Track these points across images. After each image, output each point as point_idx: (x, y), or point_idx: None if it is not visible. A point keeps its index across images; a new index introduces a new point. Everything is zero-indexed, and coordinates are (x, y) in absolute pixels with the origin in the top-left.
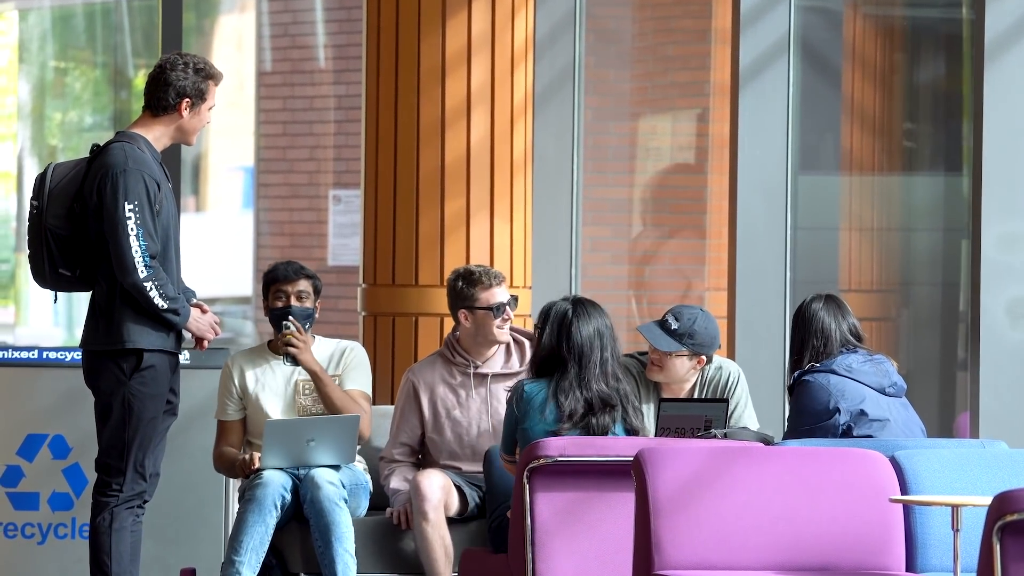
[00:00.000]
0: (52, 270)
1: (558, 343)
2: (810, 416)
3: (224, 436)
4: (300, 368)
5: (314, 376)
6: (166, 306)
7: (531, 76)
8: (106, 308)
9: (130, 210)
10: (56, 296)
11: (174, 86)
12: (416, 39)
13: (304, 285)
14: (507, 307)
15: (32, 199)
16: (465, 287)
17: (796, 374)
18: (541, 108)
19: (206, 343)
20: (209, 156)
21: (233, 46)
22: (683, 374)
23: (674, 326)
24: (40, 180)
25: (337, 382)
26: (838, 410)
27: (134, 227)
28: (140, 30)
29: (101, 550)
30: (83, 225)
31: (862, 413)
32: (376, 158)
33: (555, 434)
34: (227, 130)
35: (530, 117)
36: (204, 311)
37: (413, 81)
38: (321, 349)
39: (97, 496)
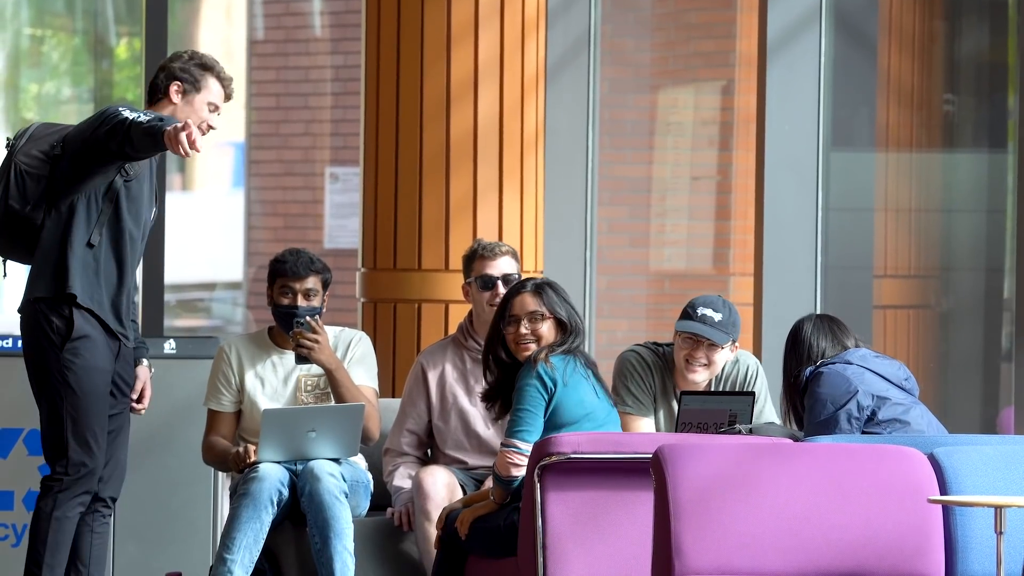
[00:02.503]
0: (2, 201)
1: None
2: (830, 402)
3: (215, 426)
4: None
5: (330, 373)
6: (143, 123)
7: (543, 46)
8: (56, 254)
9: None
10: (5, 270)
11: (167, 70)
12: (420, 6)
13: (313, 282)
14: (499, 283)
15: (8, 137)
16: (469, 257)
17: (808, 371)
18: (554, 80)
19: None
20: None
21: (222, 13)
22: (723, 367)
23: (717, 318)
24: (24, 129)
25: None
26: (858, 396)
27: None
28: None
29: (37, 538)
30: (55, 168)
31: (882, 398)
32: (376, 134)
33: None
34: None
35: (542, 90)
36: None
37: (416, 52)
38: (340, 345)
39: (44, 480)
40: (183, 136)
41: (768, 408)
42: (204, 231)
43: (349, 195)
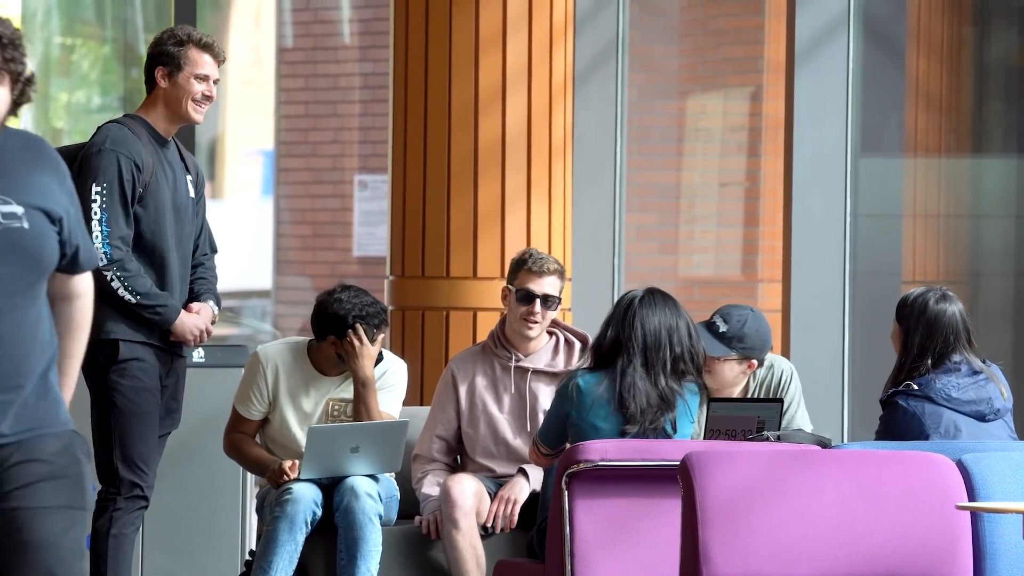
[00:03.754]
0: None
1: (623, 331)
2: (895, 437)
3: (239, 426)
4: (339, 386)
5: (363, 382)
6: (134, 300)
7: (571, 53)
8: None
9: (96, 192)
10: None
11: (149, 55)
12: (448, 14)
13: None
14: (537, 300)
15: None
16: (516, 264)
17: (892, 391)
18: (582, 87)
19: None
20: (226, 139)
21: (251, 20)
22: (731, 379)
23: (722, 329)
24: None
25: None
26: (925, 436)
27: (98, 210)
28: (152, 3)
29: (98, 557)
30: None
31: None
32: (404, 141)
33: (621, 434)
34: (245, 111)
35: (570, 97)
36: (191, 311)
37: (444, 59)
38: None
39: (99, 498)
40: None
41: (801, 413)
42: (233, 239)
43: (378, 203)
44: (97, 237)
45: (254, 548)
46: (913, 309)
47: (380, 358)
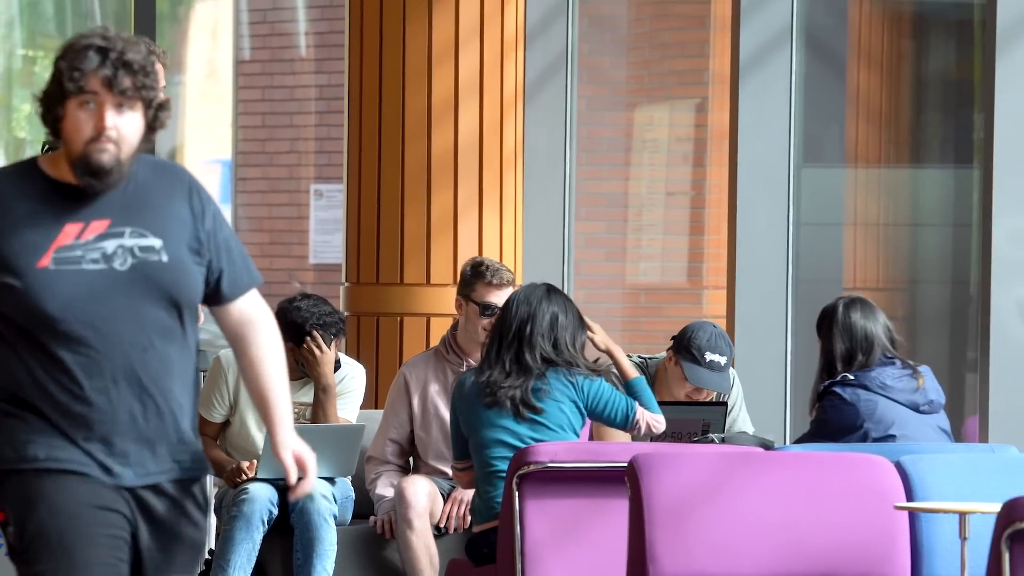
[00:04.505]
0: None
1: (501, 319)
2: (834, 431)
3: (201, 427)
4: (298, 391)
5: (323, 388)
6: None
7: (522, 66)
8: None
9: None
10: None
11: None
12: (401, 27)
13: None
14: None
15: None
16: (471, 275)
17: (827, 383)
18: (532, 99)
19: None
20: (185, 149)
21: (209, 33)
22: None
23: (723, 362)
24: None
25: None
26: (865, 430)
27: None
28: (112, 16)
29: None
30: None
31: (889, 436)
32: (360, 151)
33: (497, 425)
34: (203, 122)
35: (521, 109)
36: None
37: (398, 71)
38: (345, 378)
39: None
40: None
41: (743, 416)
42: None
43: (333, 211)
44: None
45: (213, 547)
46: (825, 320)
47: (338, 364)
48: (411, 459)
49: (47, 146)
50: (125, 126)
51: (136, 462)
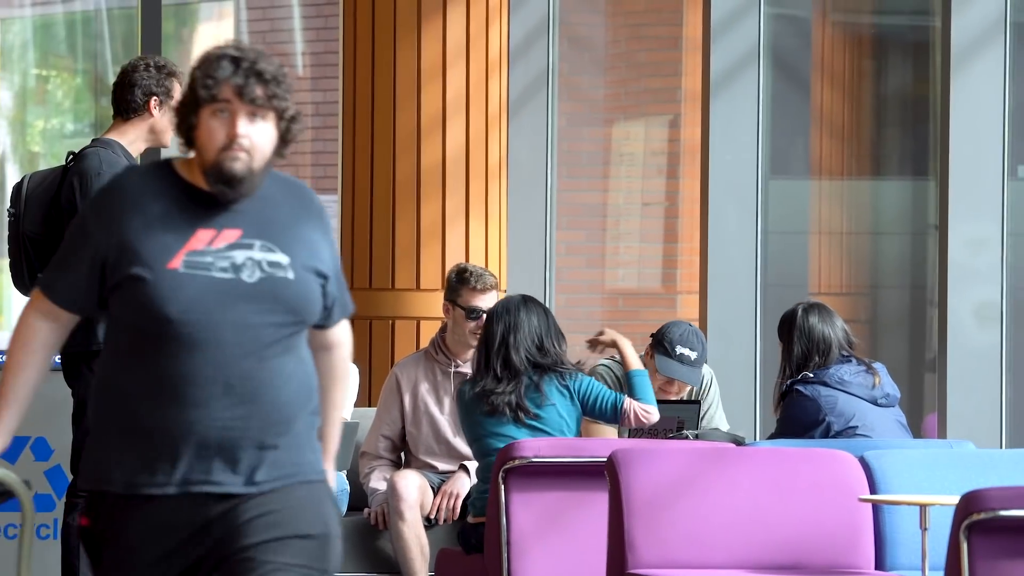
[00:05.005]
0: (31, 274)
1: (485, 331)
2: (799, 427)
3: None
4: None
5: None
6: None
7: (506, 84)
8: None
9: None
10: None
11: (140, 86)
12: (392, 48)
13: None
14: (483, 315)
15: (9, 207)
16: (456, 281)
17: (789, 382)
18: (516, 115)
19: None
20: None
21: None
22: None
23: (693, 356)
24: (17, 189)
25: None
26: (827, 424)
27: None
28: (120, 38)
29: (70, 552)
30: (60, 230)
31: (850, 428)
32: (353, 164)
33: (498, 433)
34: None
35: (505, 124)
36: None
37: (389, 89)
38: None
39: (69, 497)
40: None
41: (719, 414)
42: None
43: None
44: None
45: None
46: (785, 325)
47: None
48: (403, 454)
49: (71, 155)
50: (257, 135)
51: (243, 471)
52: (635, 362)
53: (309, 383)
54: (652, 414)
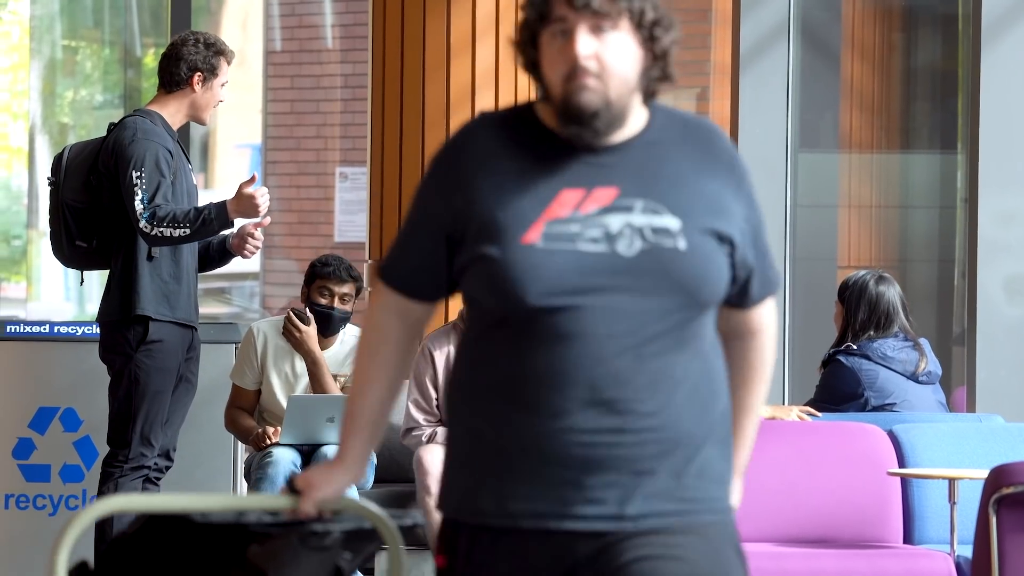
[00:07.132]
0: (70, 243)
1: None
2: (837, 396)
3: (237, 399)
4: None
5: (312, 361)
6: (188, 231)
7: None
8: (121, 278)
9: (136, 177)
10: (83, 278)
11: (186, 60)
12: (422, 20)
13: (349, 288)
14: None
15: (49, 176)
16: None
17: (831, 351)
18: None
19: (255, 240)
20: (217, 134)
21: (240, 26)
22: None
23: None
24: (57, 159)
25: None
26: (865, 399)
27: (140, 191)
28: (148, 10)
29: (104, 520)
30: (99, 197)
31: (888, 404)
32: (382, 137)
33: None
34: (235, 108)
35: (534, 97)
36: (241, 194)
37: (419, 61)
38: (348, 344)
39: (105, 467)
40: (249, 245)
41: None
42: None
43: (357, 193)
44: (141, 215)
45: None
46: (855, 290)
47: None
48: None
49: (111, 126)
50: (609, 53)
51: (613, 502)
52: None
53: (709, 388)
54: None
